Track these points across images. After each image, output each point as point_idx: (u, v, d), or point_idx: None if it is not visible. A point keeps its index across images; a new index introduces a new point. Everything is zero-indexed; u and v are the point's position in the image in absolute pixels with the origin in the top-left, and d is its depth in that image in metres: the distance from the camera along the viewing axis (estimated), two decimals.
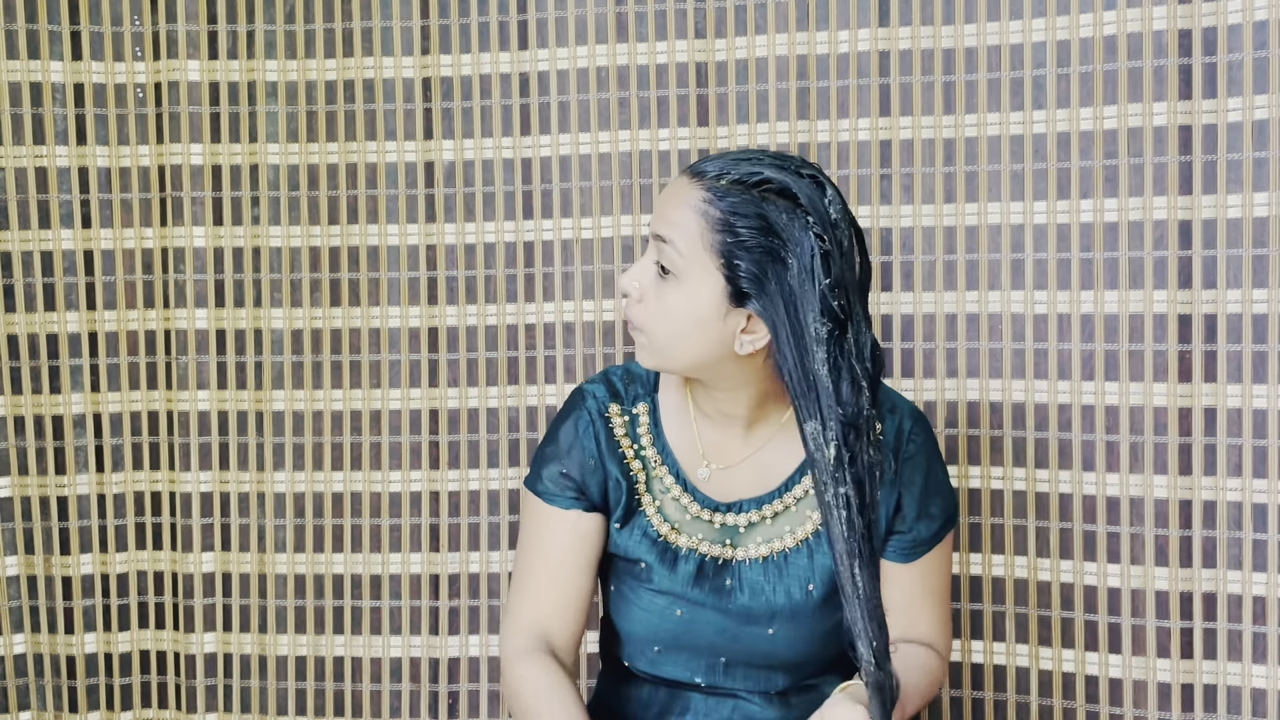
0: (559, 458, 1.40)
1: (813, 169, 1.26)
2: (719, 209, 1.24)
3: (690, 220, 1.25)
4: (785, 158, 1.26)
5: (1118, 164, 1.59)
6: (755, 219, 1.22)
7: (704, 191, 1.25)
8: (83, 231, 1.78)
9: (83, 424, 1.80)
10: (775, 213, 1.22)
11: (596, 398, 1.41)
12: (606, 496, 1.40)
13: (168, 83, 1.77)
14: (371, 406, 1.80)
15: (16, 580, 1.80)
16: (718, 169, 1.26)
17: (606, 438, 1.40)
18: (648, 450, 1.40)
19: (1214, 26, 1.53)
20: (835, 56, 1.67)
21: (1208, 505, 1.58)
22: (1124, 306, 1.60)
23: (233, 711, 1.84)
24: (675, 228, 1.26)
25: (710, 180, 1.25)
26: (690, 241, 1.25)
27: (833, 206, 1.23)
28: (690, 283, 1.26)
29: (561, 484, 1.39)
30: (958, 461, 1.68)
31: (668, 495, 1.39)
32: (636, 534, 1.39)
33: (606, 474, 1.39)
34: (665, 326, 1.29)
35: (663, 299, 1.28)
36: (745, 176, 1.24)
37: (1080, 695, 1.65)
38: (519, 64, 1.74)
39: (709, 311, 1.26)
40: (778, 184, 1.23)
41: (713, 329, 1.27)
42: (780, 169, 1.24)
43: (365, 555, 1.81)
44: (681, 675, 1.41)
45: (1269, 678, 1.56)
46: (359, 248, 1.78)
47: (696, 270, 1.25)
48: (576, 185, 1.75)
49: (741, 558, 1.37)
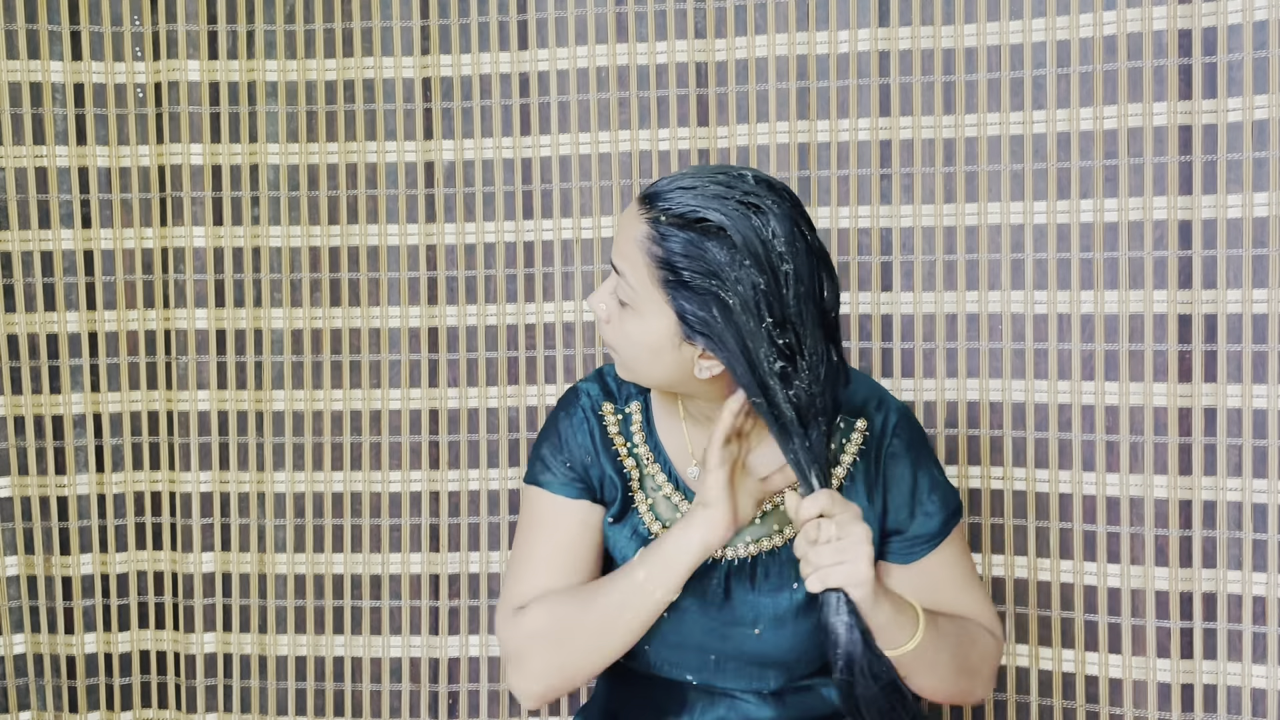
0: (560, 451, 1.41)
1: (760, 193, 1.23)
2: (662, 249, 1.23)
3: (637, 257, 1.25)
4: (732, 182, 1.24)
5: (1118, 164, 1.59)
6: (696, 260, 1.22)
7: (648, 227, 1.24)
8: (83, 231, 1.78)
9: (83, 424, 1.80)
10: (715, 252, 1.21)
11: (590, 395, 1.42)
12: (603, 492, 1.40)
13: (168, 83, 1.77)
14: (371, 406, 1.80)
15: (16, 580, 1.80)
16: (664, 202, 1.24)
17: (600, 435, 1.40)
18: (640, 448, 1.41)
19: (1214, 26, 1.53)
20: (835, 56, 1.67)
21: (1208, 505, 1.58)
22: (1124, 306, 1.60)
23: (233, 711, 1.84)
24: (627, 262, 1.26)
25: (656, 214, 1.24)
26: (640, 278, 1.25)
27: (777, 238, 1.21)
28: (644, 316, 1.26)
29: (568, 475, 1.40)
30: (958, 461, 1.68)
31: (659, 493, 1.39)
32: (627, 531, 1.39)
33: (602, 470, 1.40)
34: (629, 351, 1.30)
35: (623, 325, 1.29)
36: (685, 213, 1.22)
37: (1080, 695, 1.65)
38: (519, 64, 1.74)
39: (664, 342, 1.27)
40: (715, 223, 1.21)
41: (670, 356, 1.28)
42: (723, 200, 1.22)
43: (365, 555, 1.81)
44: (674, 673, 1.40)
45: (1269, 678, 1.56)
46: (359, 248, 1.78)
47: (649, 305, 1.26)
48: (576, 185, 1.75)
49: (730, 556, 1.37)
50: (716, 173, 1.26)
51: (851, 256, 1.69)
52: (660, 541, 1.31)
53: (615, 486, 1.40)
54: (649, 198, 1.26)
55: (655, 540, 1.34)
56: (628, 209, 1.29)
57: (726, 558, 1.37)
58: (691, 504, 1.34)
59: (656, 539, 1.35)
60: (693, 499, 1.38)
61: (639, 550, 1.36)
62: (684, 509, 1.39)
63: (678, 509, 1.39)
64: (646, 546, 1.34)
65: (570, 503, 1.40)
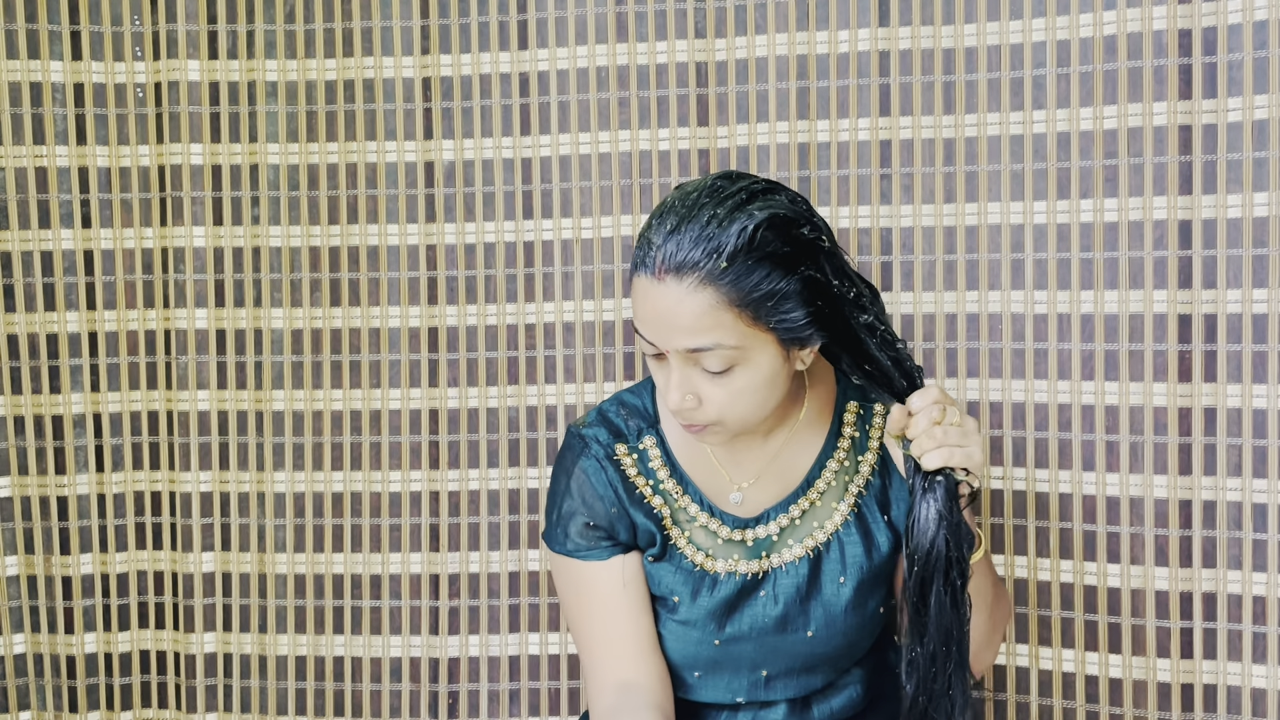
0: (578, 511, 1.36)
1: (745, 180, 1.22)
2: (741, 290, 1.19)
3: (722, 319, 1.19)
4: (720, 189, 1.21)
5: (1118, 164, 1.59)
6: (776, 268, 1.19)
7: (712, 289, 1.19)
8: (83, 231, 1.78)
9: (83, 424, 1.80)
10: (781, 243, 1.19)
11: (600, 442, 1.37)
12: (637, 539, 1.37)
13: (168, 83, 1.77)
14: (371, 406, 1.80)
15: (16, 580, 1.80)
16: (706, 258, 1.18)
17: (622, 483, 1.36)
18: (666, 484, 1.36)
19: (1214, 26, 1.53)
20: (835, 56, 1.67)
21: (1208, 505, 1.58)
22: (1124, 306, 1.60)
23: (233, 711, 1.84)
24: (707, 335, 1.20)
25: (708, 271, 1.18)
26: (737, 334, 1.20)
27: (796, 200, 1.23)
28: (753, 361, 1.22)
29: (591, 536, 1.36)
30: None
31: (695, 524, 1.36)
32: (671, 567, 1.36)
33: (633, 521, 1.36)
34: (743, 406, 1.25)
35: (730, 386, 1.23)
36: (734, 242, 1.18)
37: (1080, 695, 1.65)
38: (519, 64, 1.74)
39: (776, 366, 1.24)
40: (758, 220, 1.19)
41: (783, 375, 1.26)
42: (739, 205, 1.19)
43: (365, 555, 1.81)
44: (723, 698, 1.39)
45: (1269, 678, 1.56)
46: (359, 248, 1.78)
47: (752, 349, 1.22)
48: (576, 185, 1.75)
49: (777, 564, 1.35)
50: (701, 197, 1.21)
51: (851, 256, 1.69)
52: None
53: (650, 531, 1.36)
54: (678, 267, 1.19)
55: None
56: (651, 291, 1.21)
57: (773, 566, 1.36)
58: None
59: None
60: (731, 523, 1.36)
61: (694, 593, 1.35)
62: (724, 535, 1.36)
63: (716, 535, 1.36)
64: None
65: (603, 564, 1.36)
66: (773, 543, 1.36)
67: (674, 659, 1.39)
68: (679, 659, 1.39)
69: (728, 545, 1.36)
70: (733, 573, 1.35)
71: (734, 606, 1.35)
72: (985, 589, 1.31)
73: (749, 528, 1.36)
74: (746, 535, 1.36)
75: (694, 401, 1.24)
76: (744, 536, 1.36)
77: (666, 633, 1.38)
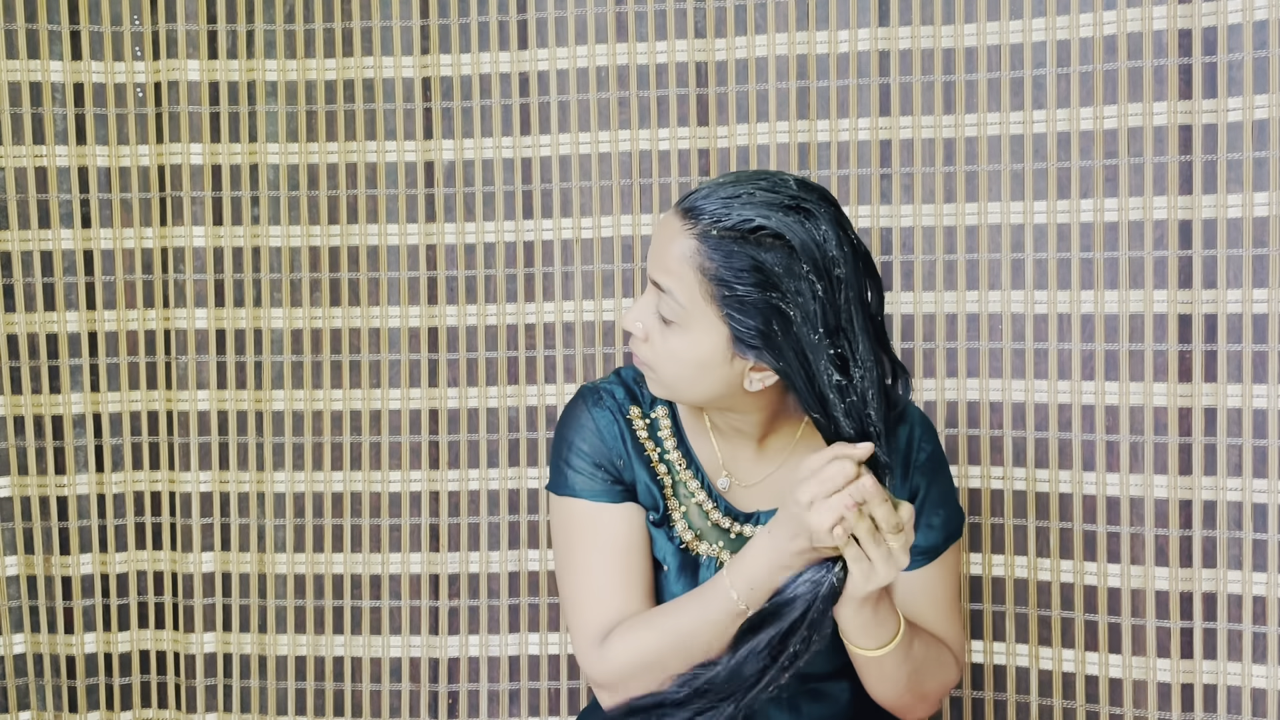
0: (590, 453, 1.35)
1: (806, 196, 1.20)
2: (714, 262, 1.19)
3: (686, 273, 1.20)
4: (776, 186, 1.21)
5: (1118, 164, 1.59)
6: (752, 273, 1.18)
7: (697, 242, 1.20)
8: (83, 231, 1.78)
9: (83, 424, 1.80)
10: (772, 263, 1.17)
11: (616, 398, 1.37)
12: (638, 497, 1.36)
13: (168, 82, 1.77)
14: (371, 406, 1.80)
15: (16, 580, 1.80)
16: (711, 213, 1.20)
17: (632, 439, 1.36)
18: (672, 455, 1.36)
19: (1214, 26, 1.53)
20: (835, 56, 1.67)
21: (1208, 505, 1.58)
22: (1124, 306, 1.60)
23: (233, 711, 1.84)
24: (672, 278, 1.22)
25: (704, 227, 1.20)
26: (689, 294, 1.21)
27: (829, 242, 1.18)
28: (693, 331, 1.22)
29: (601, 478, 1.34)
30: (958, 461, 1.68)
31: (692, 500, 1.36)
32: (663, 536, 1.36)
33: (635, 474, 1.35)
34: (672, 369, 1.25)
35: (667, 342, 1.24)
36: (739, 224, 1.18)
37: (1080, 695, 1.65)
38: (519, 64, 1.74)
39: (715, 357, 1.23)
40: (771, 229, 1.18)
41: (719, 371, 1.24)
42: (772, 207, 1.18)
43: (365, 555, 1.81)
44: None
45: (1269, 678, 1.56)
46: (359, 248, 1.78)
47: (698, 320, 1.21)
48: (576, 185, 1.75)
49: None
50: (757, 178, 1.22)
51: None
52: (745, 559, 1.24)
53: (652, 493, 1.35)
54: (691, 211, 1.21)
55: (739, 557, 1.27)
56: (665, 222, 1.24)
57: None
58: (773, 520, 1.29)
59: (738, 556, 1.28)
60: (724, 507, 1.36)
61: (719, 566, 1.32)
62: (715, 518, 1.35)
63: (708, 517, 1.35)
64: (730, 562, 1.26)
65: (613, 508, 1.34)
66: None
67: None
68: None
69: (716, 530, 1.36)
70: (715, 558, 1.35)
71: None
72: (907, 665, 1.27)
73: (739, 521, 1.36)
74: (734, 527, 1.36)
75: (641, 331, 1.26)
76: (731, 527, 1.36)
77: (659, 594, 1.37)
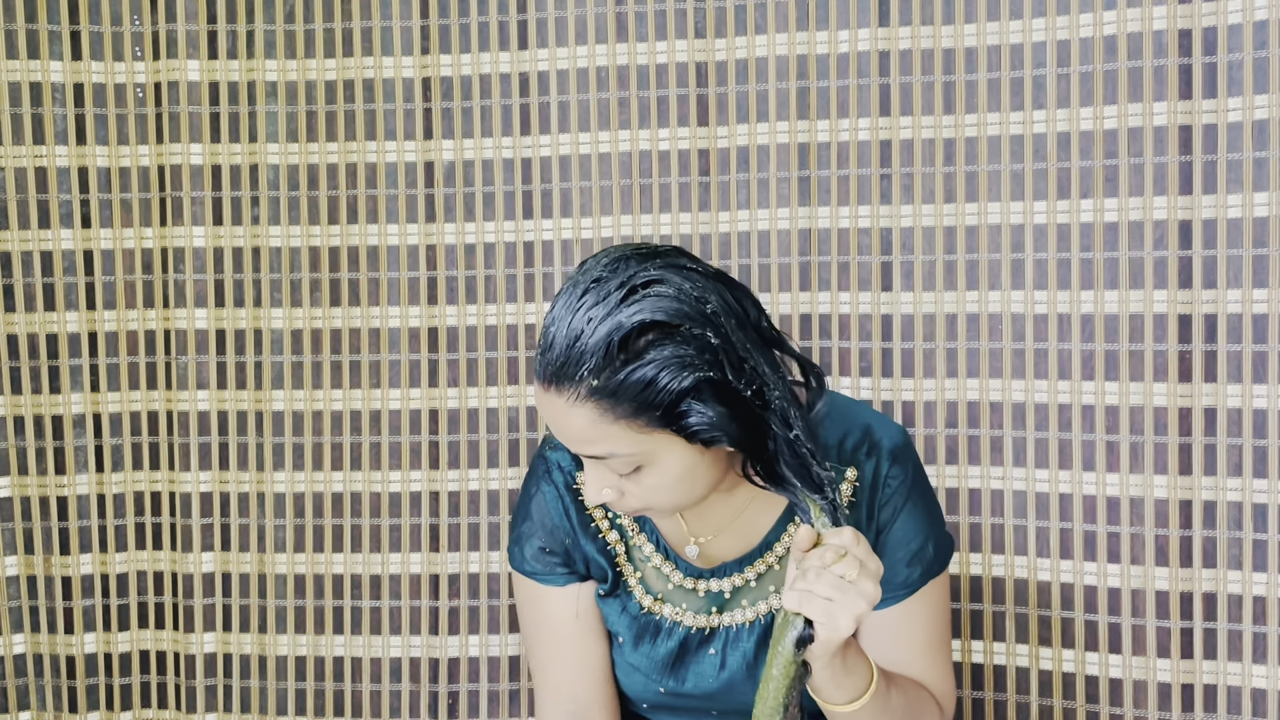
0: (535, 534, 1.33)
1: (626, 267, 1.10)
2: (621, 404, 1.09)
3: (608, 432, 1.11)
4: (593, 284, 1.10)
5: (1118, 164, 1.59)
6: (652, 383, 1.08)
7: (591, 404, 1.10)
8: (83, 231, 1.78)
9: (83, 424, 1.80)
10: (666, 355, 1.08)
11: (562, 468, 1.32)
12: (589, 571, 1.34)
13: (168, 83, 1.77)
14: (371, 406, 1.80)
15: (16, 580, 1.80)
16: (574, 366, 1.09)
17: (577, 512, 1.32)
18: (624, 519, 1.32)
19: (1214, 26, 1.53)
20: (835, 56, 1.67)
21: (1208, 505, 1.58)
22: (1124, 306, 1.60)
23: (233, 711, 1.84)
24: (601, 445, 1.12)
25: (584, 387, 1.09)
26: (629, 442, 1.11)
27: (681, 290, 1.09)
28: (659, 460, 1.13)
29: (547, 560, 1.34)
30: (958, 462, 1.68)
31: (649, 564, 1.33)
32: (618, 607, 1.33)
33: (584, 552, 1.33)
34: (665, 497, 1.17)
35: (643, 484, 1.16)
36: (604, 353, 1.08)
37: (1080, 695, 1.65)
38: (519, 64, 1.74)
39: (694, 460, 1.14)
40: (633, 327, 1.08)
41: (704, 467, 1.16)
42: (611, 307, 1.08)
43: (365, 555, 1.81)
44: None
45: (1269, 678, 1.56)
46: (359, 248, 1.78)
47: (656, 449, 1.12)
48: (576, 185, 1.75)
49: (728, 623, 1.31)
50: (574, 290, 1.10)
51: (852, 256, 1.69)
52: None
53: (601, 565, 1.33)
54: (557, 378, 1.10)
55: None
56: (546, 403, 1.13)
57: (723, 624, 1.32)
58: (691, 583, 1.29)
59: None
60: (685, 570, 1.32)
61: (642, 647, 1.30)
62: (675, 580, 1.32)
63: (668, 579, 1.32)
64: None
65: (558, 591, 1.34)
66: (725, 599, 1.31)
67: (625, 692, 1.38)
68: (630, 694, 1.38)
69: (679, 591, 1.32)
70: (678, 623, 1.32)
71: (679, 661, 1.32)
72: (884, 717, 1.20)
73: (703, 578, 1.32)
74: (699, 585, 1.32)
75: (613, 495, 1.17)
76: (696, 586, 1.32)
77: (618, 668, 1.37)
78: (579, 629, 1.34)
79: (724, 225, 1.71)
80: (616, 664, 1.37)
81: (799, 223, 1.70)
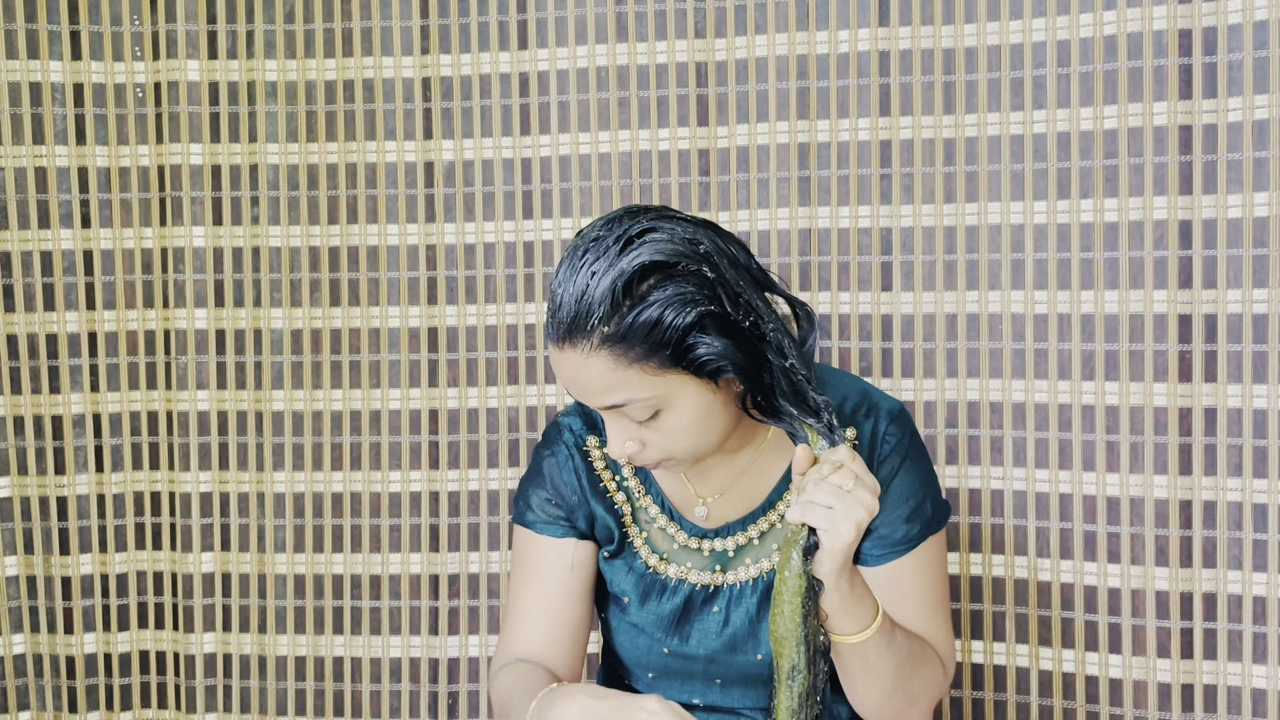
0: (543, 488, 1.37)
1: (621, 223, 1.18)
2: (634, 348, 1.16)
3: (624, 377, 1.17)
4: (594, 240, 1.17)
5: (1118, 164, 1.59)
6: (666, 313, 1.15)
7: (604, 352, 1.17)
8: (82, 231, 1.78)
9: (83, 424, 1.80)
10: (670, 294, 1.15)
11: (573, 430, 1.37)
12: (594, 532, 1.37)
13: (167, 83, 1.77)
14: (371, 406, 1.80)
15: (16, 580, 1.80)
16: (585, 318, 1.16)
17: (587, 472, 1.36)
18: (630, 481, 1.37)
19: (1214, 26, 1.53)
20: (835, 56, 1.67)
21: (1208, 505, 1.58)
22: (1124, 306, 1.60)
23: (233, 711, 1.84)
24: (618, 393, 1.18)
25: (595, 336, 1.16)
26: (645, 387, 1.18)
27: (675, 234, 1.16)
28: (676, 402, 1.19)
29: (551, 512, 1.36)
30: (958, 462, 1.68)
31: (654, 525, 1.36)
32: (624, 568, 1.36)
33: (592, 512, 1.36)
34: (685, 442, 1.23)
35: (662, 430, 1.21)
36: (610, 302, 1.15)
37: (1080, 695, 1.65)
38: (519, 64, 1.74)
39: (709, 400, 1.20)
40: (634, 270, 1.15)
41: (719, 407, 1.22)
42: (612, 259, 1.15)
43: (365, 555, 1.81)
44: (679, 697, 1.38)
45: (1269, 678, 1.56)
46: (359, 248, 1.78)
47: (672, 391, 1.19)
48: (576, 185, 1.75)
49: (732, 581, 1.34)
50: (576, 253, 1.18)
51: (852, 256, 1.69)
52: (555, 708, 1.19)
53: (608, 526, 1.36)
54: (570, 334, 1.17)
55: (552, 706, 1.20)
56: (561, 360, 1.19)
57: (727, 582, 1.35)
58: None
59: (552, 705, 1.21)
60: (689, 530, 1.36)
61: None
62: (680, 540, 1.35)
63: (674, 540, 1.36)
64: (545, 706, 1.21)
65: (555, 542, 1.36)
66: (729, 558, 1.35)
67: (627, 660, 1.40)
68: (631, 660, 1.39)
69: (684, 551, 1.35)
70: (683, 580, 1.35)
71: (684, 618, 1.35)
72: (891, 655, 1.23)
73: (707, 538, 1.35)
74: (704, 545, 1.35)
75: (635, 447, 1.23)
76: (700, 545, 1.35)
77: (619, 632, 1.38)
78: (566, 584, 1.35)
79: (724, 225, 1.71)
80: (620, 629, 1.38)
81: (799, 223, 1.70)
